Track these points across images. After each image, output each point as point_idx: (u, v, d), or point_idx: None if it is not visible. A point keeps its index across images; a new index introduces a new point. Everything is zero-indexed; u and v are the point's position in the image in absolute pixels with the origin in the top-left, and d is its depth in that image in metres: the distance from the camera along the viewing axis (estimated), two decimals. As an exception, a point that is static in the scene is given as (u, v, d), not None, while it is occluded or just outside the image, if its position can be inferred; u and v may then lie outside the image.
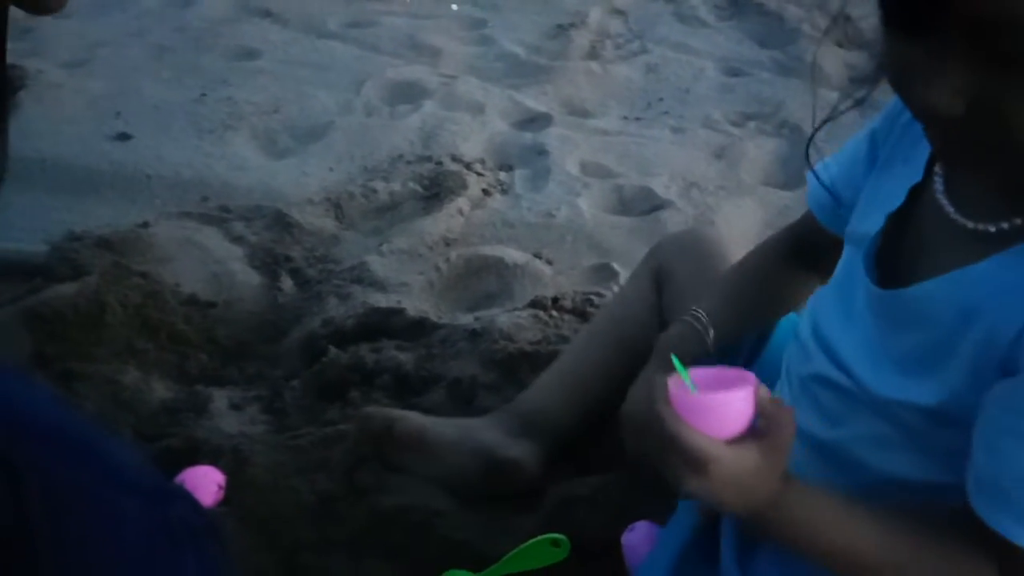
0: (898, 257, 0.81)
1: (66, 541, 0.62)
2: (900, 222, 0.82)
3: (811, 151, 0.88)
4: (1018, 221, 0.71)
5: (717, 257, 1.19)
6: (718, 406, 0.70)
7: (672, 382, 0.72)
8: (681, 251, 1.24)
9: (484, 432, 1.26)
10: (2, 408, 0.71)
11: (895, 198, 0.82)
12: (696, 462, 0.70)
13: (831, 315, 0.86)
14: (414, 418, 1.29)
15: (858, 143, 0.92)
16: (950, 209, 0.76)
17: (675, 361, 0.74)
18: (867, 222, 0.84)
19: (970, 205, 0.76)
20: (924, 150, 0.81)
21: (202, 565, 0.68)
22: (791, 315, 1.12)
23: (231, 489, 1.20)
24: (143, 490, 0.68)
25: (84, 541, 0.63)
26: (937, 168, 0.80)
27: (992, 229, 0.73)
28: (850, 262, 0.87)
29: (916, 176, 0.81)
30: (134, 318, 1.53)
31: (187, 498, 0.72)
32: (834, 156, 0.94)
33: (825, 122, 0.83)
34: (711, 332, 1.00)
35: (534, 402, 1.28)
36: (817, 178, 0.91)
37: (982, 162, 0.69)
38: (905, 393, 0.77)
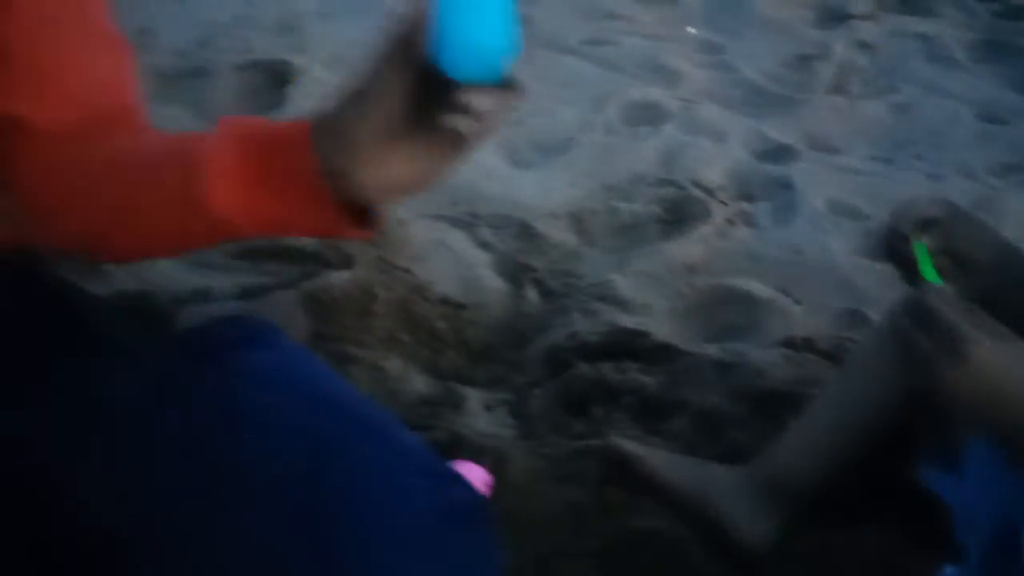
0: None
1: (361, 514, 0.67)
2: None
3: None
4: None
5: None
6: None
7: None
8: None
9: (720, 499, 1.23)
10: (308, 386, 0.77)
11: None
12: None
13: None
14: (651, 460, 1.28)
15: None
16: None
17: None
18: None
19: None
20: None
21: (478, 545, 0.72)
22: None
23: (494, 488, 1.25)
24: (431, 472, 0.73)
25: (378, 515, 0.68)
26: None
27: None
28: None
29: None
30: (398, 311, 1.62)
31: (467, 484, 0.77)
32: None
33: None
34: None
35: (784, 465, 1.24)
36: None
37: None
38: None
